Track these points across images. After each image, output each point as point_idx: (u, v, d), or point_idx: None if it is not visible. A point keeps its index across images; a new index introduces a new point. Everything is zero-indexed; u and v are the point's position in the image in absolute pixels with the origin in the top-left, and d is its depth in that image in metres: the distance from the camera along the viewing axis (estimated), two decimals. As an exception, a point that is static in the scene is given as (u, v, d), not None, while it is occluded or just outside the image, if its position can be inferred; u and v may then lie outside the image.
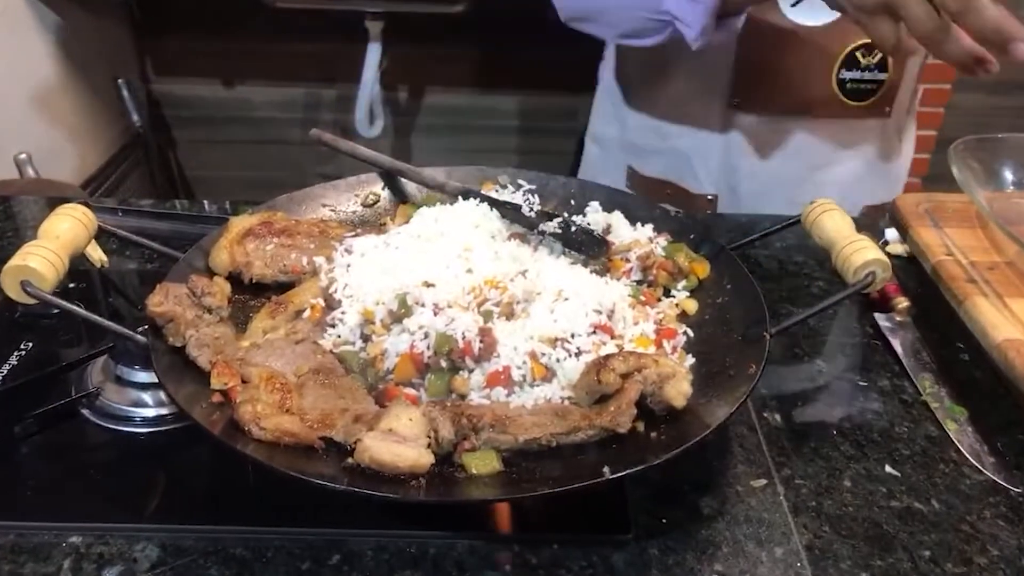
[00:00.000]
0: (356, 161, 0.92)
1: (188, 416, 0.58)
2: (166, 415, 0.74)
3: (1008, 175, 0.95)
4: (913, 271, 0.97)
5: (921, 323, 0.89)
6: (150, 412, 0.74)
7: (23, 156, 2.05)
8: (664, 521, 0.66)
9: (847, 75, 1.08)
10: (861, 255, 0.69)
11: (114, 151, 2.83)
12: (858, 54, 1.07)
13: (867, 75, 1.09)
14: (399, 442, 0.56)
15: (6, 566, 0.61)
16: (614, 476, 0.55)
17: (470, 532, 0.64)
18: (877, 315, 0.90)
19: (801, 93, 1.11)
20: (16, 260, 0.64)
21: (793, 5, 1.02)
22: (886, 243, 1.03)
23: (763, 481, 0.70)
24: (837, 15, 0.99)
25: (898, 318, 0.89)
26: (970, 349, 0.84)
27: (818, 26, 1.06)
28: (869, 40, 0.82)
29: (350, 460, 0.57)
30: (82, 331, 0.86)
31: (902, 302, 0.90)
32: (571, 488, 0.54)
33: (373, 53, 2.61)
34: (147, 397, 0.74)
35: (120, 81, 2.86)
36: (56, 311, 0.86)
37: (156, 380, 0.73)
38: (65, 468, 0.69)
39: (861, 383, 0.82)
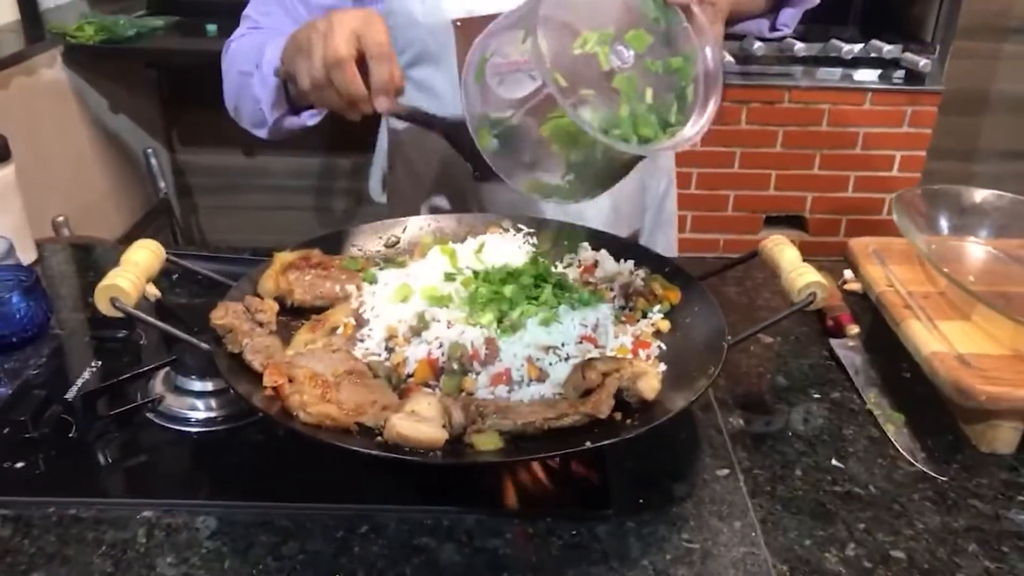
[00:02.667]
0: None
1: (248, 403, 0.72)
2: (215, 418, 0.87)
3: (943, 222, 1.09)
4: (866, 305, 1.10)
5: (869, 347, 1.02)
6: (202, 415, 0.87)
7: (60, 219, 2.22)
8: (641, 501, 0.78)
9: None
10: (803, 278, 0.82)
11: (141, 215, 3.01)
12: None
13: None
14: (420, 421, 0.69)
15: (90, 534, 0.74)
16: (593, 446, 0.68)
17: (478, 507, 0.76)
18: (832, 340, 1.04)
19: None
20: (106, 281, 0.78)
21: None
22: (844, 281, 1.17)
23: (726, 471, 0.82)
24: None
25: (850, 343, 1.03)
26: (911, 368, 0.97)
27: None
28: None
29: (379, 438, 0.70)
30: (140, 352, 0.99)
31: (853, 329, 1.03)
32: (558, 454, 0.67)
33: (386, 129, 2.79)
34: (200, 403, 0.88)
35: (148, 150, 3.06)
36: (119, 335, 1.01)
37: (209, 390, 0.87)
38: (136, 457, 0.82)
39: (816, 395, 0.95)
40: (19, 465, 0.80)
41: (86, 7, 2.94)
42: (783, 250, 0.88)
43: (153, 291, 1.06)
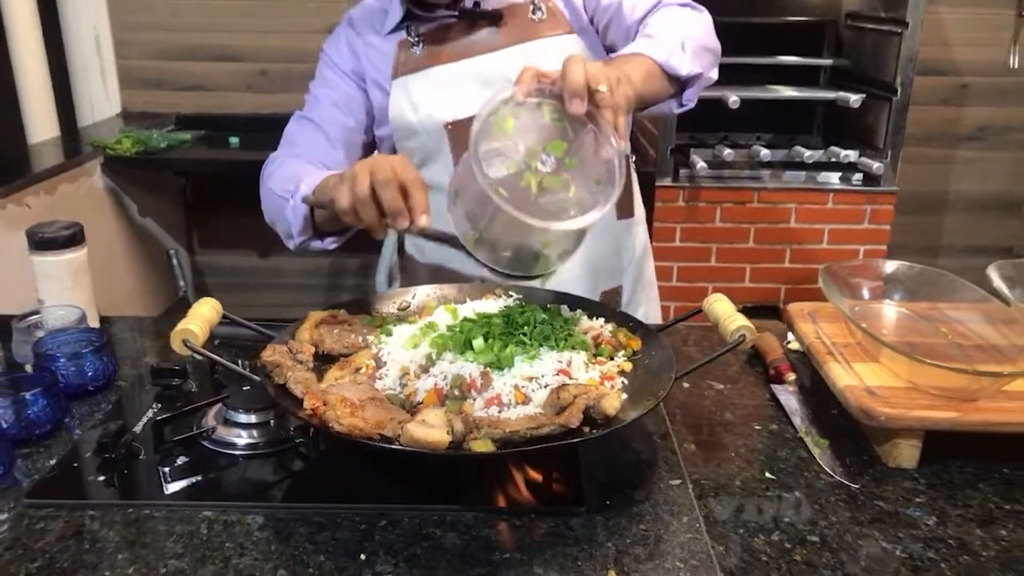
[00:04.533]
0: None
1: (295, 415, 0.91)
2: (257, 443, 1.05)
3: (864, 290, 1.30)
4: (805, 360, 1.30)
5: (804, 391, 1.22)
6: (247, 442, 1.05)
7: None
8: (608, 503, 0.96)
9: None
10: (735, 323, 1.03)
11: (161, 312, 3.22)
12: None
13: None
14: (429, 428, 0.88)
15: (162, 527, 0.91)
16: (564, 443, 0.87)
17: (475, 506, 0.94)
18: (773, 386, 1.23)
19: None
20: (180, 325, 0.99)
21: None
22: (788, 342, 1.37)
23: (678, 481, 1.01)
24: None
25: (788, 388, 1.22)
26: (836, 407, 1.15)
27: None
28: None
29: (396, 444, 0.89)
30: (191, 397, 1.19)
31: (791, 376, 1.23)
32: (535, 448, 0.86)
33: (391, 235, 3.03)
34: (244, 433, 1.06)
35: (171, 251, 3.30)
36: (174, 383, 1.20)
37: (253, 422, 1.06)
38: (194, 473, 1.00)
39: (757, 427, 1.14)
40: (101, 478, 0.99)
41: (121, 123, 3.25)
42: (719, 304, 1.09)
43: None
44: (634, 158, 1.71)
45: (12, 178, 2.37)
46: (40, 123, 2.93)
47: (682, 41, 1.25)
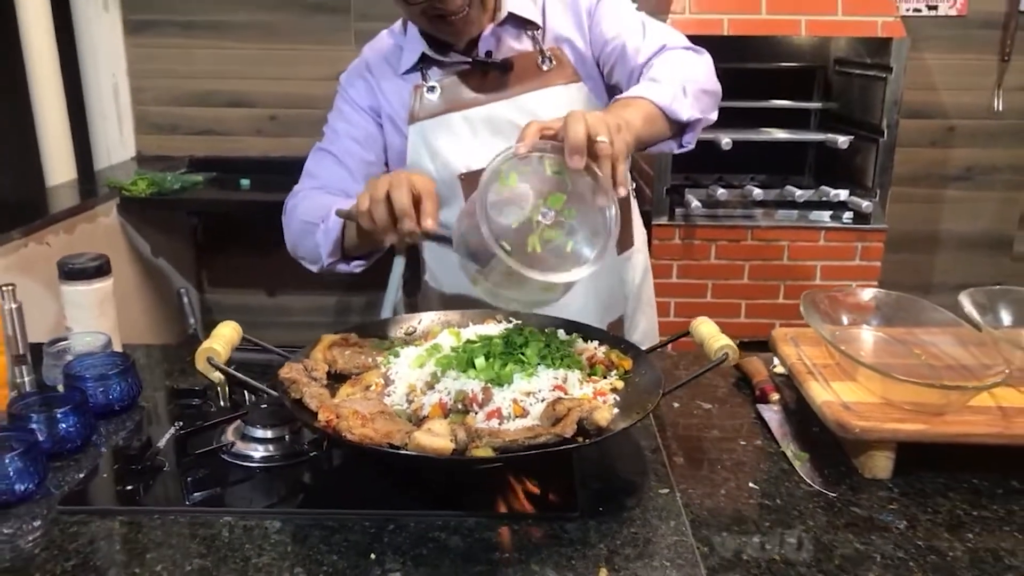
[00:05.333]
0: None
1: (309, 426, 0.98)
2: (273, 456, 1.12)
3: (844, 317, 1.38)
4: (789, 383, 1.37)
5: (788, 411, 1.29)
6: (263, 455, 1.13)
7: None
8: (600, 509, 1.03)
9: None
10: (718, 342, 1.11)
11: (172, 349, 3.30)
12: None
13: None
14: (435, 436, 0.96)
15: (187, 530, 0.99)
16: (559, 448, 0.94)
17: (477, 512, 1.01)
18: (759, 405, 1.31)
19: None
20: (205, 344, 1.07)
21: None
22: (775, 366, 1.44)
23: (667, 490, 1.08)
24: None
25: (773, 407, 1.29)
26: (817, 424, 1.22)
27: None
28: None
29: (404, 451, 0.96)
30: (210, 414, 1.26)
31: (775, 396, 1.31)
32: (531, 452, 0.93)
33: (398, 265, 3.11)
34: (261, 447, 1.13)
35: (181, 290, 3.40)
36: (194, 402, 1.28)
37: (269, 437, 1.14)
38: (215, 483, 1.07)
39: (742, 443, 1.21)
40: (128, 488, 1.06)
41: (135, 166, 3.37)
42: (704, 325, 1.17)
43: (219, 376, 1.35)
44: (634, 185, 1.79)
45: (33, 218, 2.47)
46: (58, 167, 3.04)
47: (684, 85, 1.35)
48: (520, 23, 1.51)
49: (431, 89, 1.51)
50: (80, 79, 3.33)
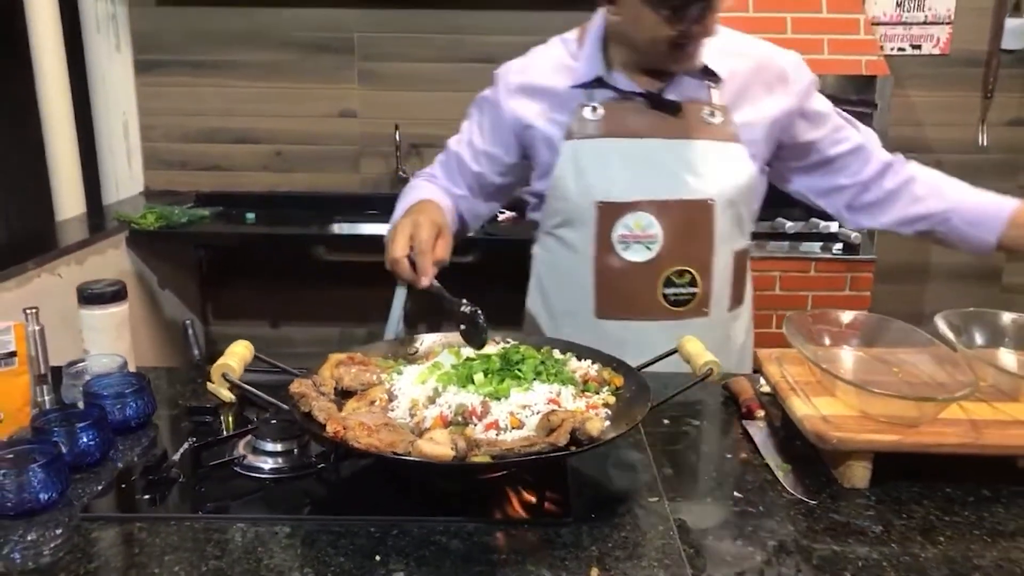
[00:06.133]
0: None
1: (318, 437, 1.05)
2: (282, 468, 1.19)
3: (826, 338, 1.45)
4: (775, 402, 1.43)
5: (772, 426, 1.35)
6: (273, 467, 1.19)
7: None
8: (593, 515, 1.09)
9: (668, 291, 1.56)
10: (703, 358, 1.18)
11: (182, 371, 3.35)
12: (672, 277, 1.56)
13: (682, 291, 1.57)
14: (436, 444, 1.02)
15: (201, 535, 1.04)
16: (552, 455, 1.00)
17: (475, 518, 1.07)
18: (745, 421, 1.37)
19: (639, 305, 1.58)
20: (220, 361, 1.14)
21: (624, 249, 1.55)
22: (761, 386, 1.51)
23: (656, 498, 1.14)
24: (654, 254, 1.54)
25: (758, 423, 1.36)
26: (799, 438, 1.28)
27: (642, 261, 1.55)
28: (680, 267, 1.50)
29: (408, 457, 1.02)
30: (220, 428, 1.32)
31: (760, 413, 1.37)
32: (526, 460, 1.00)
33: (400, 296, 3.19)
34: (271, 460, 1.19)
35: (186, 322, 3.46)
36: (207, 419, 1.34)
37: (279, 450, 1.20)
38: (227, 494, 1.13)
39: (728, 455, 1.27)
40: (146, 497, 1.12)
41: (143, 200, 3.45)
42: (690, 343, 1.24)
43: (228, 395, 1.41)
44: (745, 245, 1.72)
45: (44, 251, 2.55)
46: (68, 202, 3.14)
47: None
48: (705, 73, 1.54)
49: (594, 110, 1.55)
50: (91, 116, 3.43)
